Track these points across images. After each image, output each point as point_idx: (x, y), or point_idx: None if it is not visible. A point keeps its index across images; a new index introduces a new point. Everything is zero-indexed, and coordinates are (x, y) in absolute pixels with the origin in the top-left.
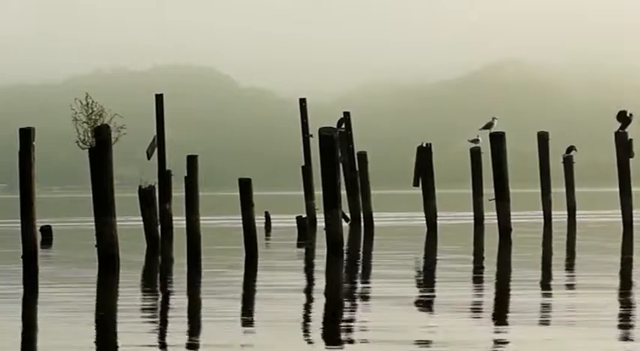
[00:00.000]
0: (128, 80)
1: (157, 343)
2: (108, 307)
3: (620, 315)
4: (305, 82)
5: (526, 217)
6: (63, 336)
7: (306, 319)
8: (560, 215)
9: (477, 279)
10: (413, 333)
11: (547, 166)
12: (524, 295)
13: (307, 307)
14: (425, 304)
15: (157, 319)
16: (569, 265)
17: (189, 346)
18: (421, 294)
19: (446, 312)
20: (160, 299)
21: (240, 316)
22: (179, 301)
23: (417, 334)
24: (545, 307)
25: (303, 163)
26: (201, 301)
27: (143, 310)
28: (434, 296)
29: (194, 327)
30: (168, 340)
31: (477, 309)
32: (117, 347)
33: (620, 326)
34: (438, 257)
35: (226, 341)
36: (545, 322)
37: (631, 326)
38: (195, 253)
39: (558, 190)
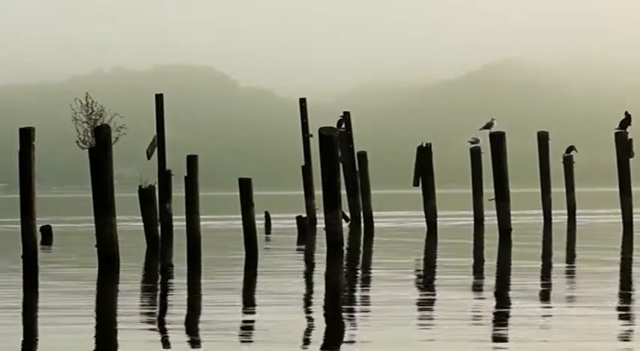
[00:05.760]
0: (128, 80)
1: (157, 343)
2: (108, 307)
3: (621, 314)
4: (305, 82)
5: (526, 217)
6: (63, 336)
7: (308, 320)
8: (560, 215)
9: (477, 277)
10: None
11: (547, 166)
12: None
13: (307, 308)
14: (424, 309)
15: (157, 320)
16: (569, 263)
17: (189, 345)
18: (420, 297)
19: (446, 312)
20: (159, 299)
21: (240, 316)
22: (179, 300)
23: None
24: (545, 310)
25: (303, 163)
26: (201, 301)
27: (143, 310)
28: (434, 299)
29: (194, 326)
30: (168, 340)
31: (477, 314)
32: (117, 348)
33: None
34: (437, 258)
35: (227, 341)
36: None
37: (631, 331)
38: (195, 253)
39: (558, 190)
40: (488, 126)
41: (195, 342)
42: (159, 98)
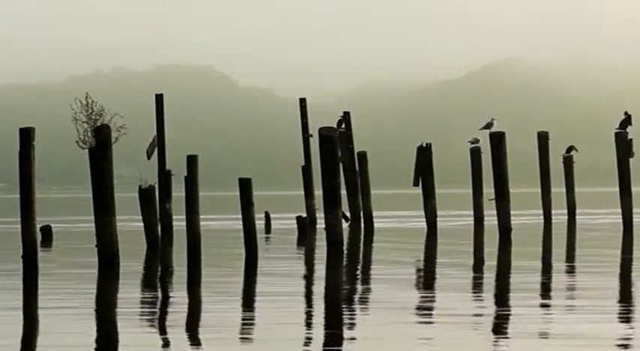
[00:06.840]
0: (128, 80)
1: (158, 343)
2: (108, 307)
3: (621, 315)
4: (305, 82)
5: (526, 217)
6: (63, 335)
7: (307, 320)
8: (560, 215)
9: (477, 281)
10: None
11: (547, 166)
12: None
13: (307, 309)
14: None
15: (157, 320)
16: (569, 266)
17: (189, 345)
18: (420, 298)
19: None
20: (159, 300)
21: (240, 316)
22: (179, 301)
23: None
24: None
25: (303, 163)
26: (201, 301)
27: (143, 310)
28: (433, 300)
29: (194, 327)
30: (168, 340)
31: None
32: (117, 347)
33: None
34: (437, 258)
35: (227, 341)
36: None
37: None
38: (195, 253)
39: (558, 190)
40: (488, 126)
41: (195, 343)
42: (159, 98)
